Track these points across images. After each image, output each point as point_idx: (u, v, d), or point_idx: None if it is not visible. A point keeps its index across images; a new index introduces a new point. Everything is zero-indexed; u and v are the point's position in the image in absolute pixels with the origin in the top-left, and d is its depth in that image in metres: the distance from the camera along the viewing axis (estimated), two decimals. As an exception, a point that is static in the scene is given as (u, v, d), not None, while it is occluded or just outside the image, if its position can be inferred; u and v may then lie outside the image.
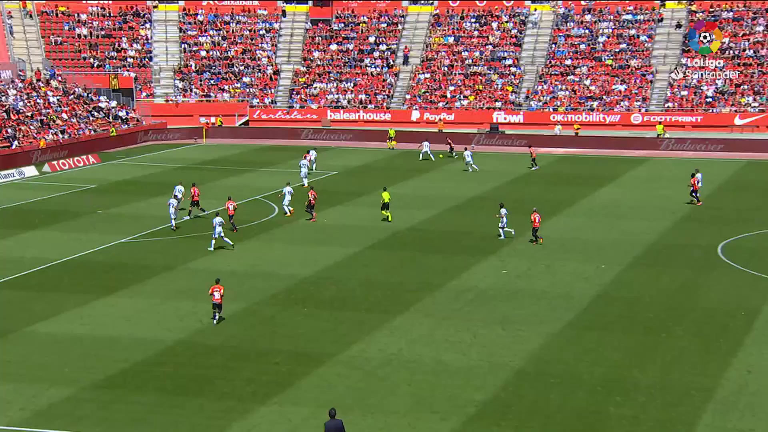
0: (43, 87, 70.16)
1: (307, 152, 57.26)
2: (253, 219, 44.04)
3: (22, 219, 44.03)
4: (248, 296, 31.91)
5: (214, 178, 55.52)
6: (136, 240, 40.17)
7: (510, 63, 79.58)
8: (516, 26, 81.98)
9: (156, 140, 72.27)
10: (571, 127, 71.79)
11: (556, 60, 78.48)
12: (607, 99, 75.22)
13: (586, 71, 77.27)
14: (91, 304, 30.90)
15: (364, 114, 77.45)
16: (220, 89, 79.65)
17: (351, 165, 60.60)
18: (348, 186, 53.23)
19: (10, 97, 66.46)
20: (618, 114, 73.85)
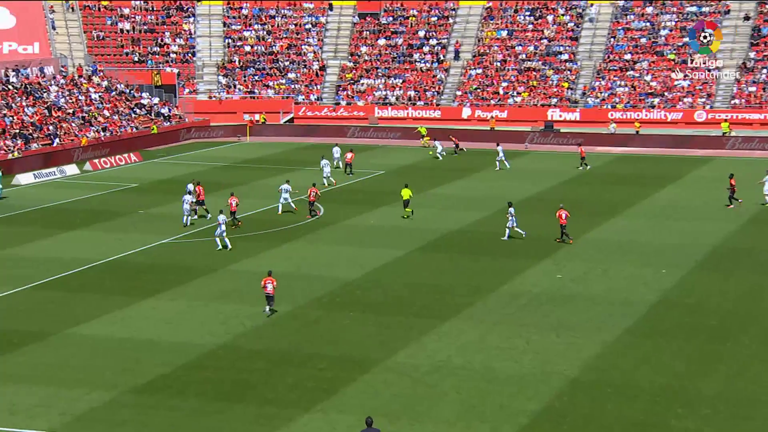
0: (85, 83, 71.33)
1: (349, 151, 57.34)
2: (298, 220, 44.28)
3: (63, 218, 44.83)
4: (292, 299, 32.10)
5: (257, 177, 55.93)
6: (177, 240, 40.63)
7: (566, 58, 78.96)
8: (573, 19, 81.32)
9: (198, 138, 73.05)
10: (629, 125, 70.98)
11: (615, 54, 77.66)
12: (669, 95, 74.25)
13: (646, 66, 76.37)
14: (132, 307, 31.35)
15: (413, 111, 77.44)
16: (264, 85, 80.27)
17: (398, 164, 60.65)
18: (395, 186, 53.22)
19: (52, 93, 67.67)
20: (680, 111, 72.84)
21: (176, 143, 70.53)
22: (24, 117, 62.41)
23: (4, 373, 25.81)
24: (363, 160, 62.10)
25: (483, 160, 61.76)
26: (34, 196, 50.56)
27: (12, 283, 33.86)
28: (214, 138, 73.41)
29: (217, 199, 48.70)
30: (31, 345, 27.72)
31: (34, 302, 31.83)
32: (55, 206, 47.59)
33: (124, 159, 62.14)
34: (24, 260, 37.27)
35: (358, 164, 60.12)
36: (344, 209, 46.41)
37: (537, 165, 59.84)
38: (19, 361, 26.57)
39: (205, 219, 43.67)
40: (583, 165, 57.78)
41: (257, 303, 31.60)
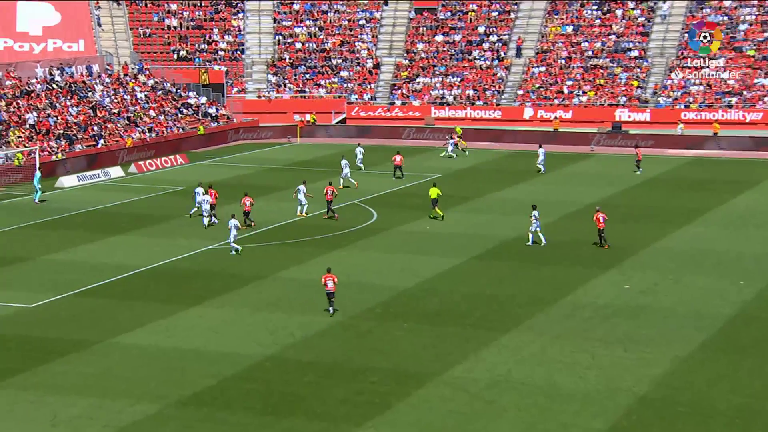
0: (131, 82, 72.45)
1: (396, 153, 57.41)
2: (350, 225, 44.45)
3: (108, 222, 45.56)
4: (343, 309, 32.21)
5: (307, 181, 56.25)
6: (224, 246, 41.06)
7: (635, 54, 78.11)
8: (643, 13, 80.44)
9: (247, 139, 73.72)
10: (703, 126, 69.87)
11: (689, 51, 76.57)
12: (748, 94, 72.98)
13: (723, 63, 75.15)
14: (178, 315, 31.73)
15: (472, 111, 77.28)
16: (315, 84, 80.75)
17: (456, 167, 60.56)
18: (452, 190, 53.18)
19: (97, 92, 68.83)
20: (761, 111, 71.58)
21: (224, 144, 71.26)
22: (68, 117, 63.56)
23: (46, 384, 26.30)
24: (418, 162, 62.10)
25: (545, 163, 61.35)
26: (78, 199, 51.49)
27: (55, 289, 34.51)
28: (263, 139, 74.03)
29: (266, 204, 49.09)
30: (74, 354, 28.20)
31: (77, 310, 32.39)
32: (99, 210, 48.39)
33: (169, 161, 62.95)
34: (67, 266, 37.95)
35: (413, 167, 60.10)
36: (398, 214, 46.45)
37: (603, 169, 59.26)
38: (62, 371, 27.06)
39: (217, 224, 43.98)
40: (638, 168, 57.11)
41: (307, 312, 31.78)
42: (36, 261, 38.55)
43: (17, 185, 53.72)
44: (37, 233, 43.34)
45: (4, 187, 53.99)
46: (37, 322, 31.02)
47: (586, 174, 57.73)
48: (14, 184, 53.88)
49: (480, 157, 64.68)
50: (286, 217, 46.07)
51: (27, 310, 32.13)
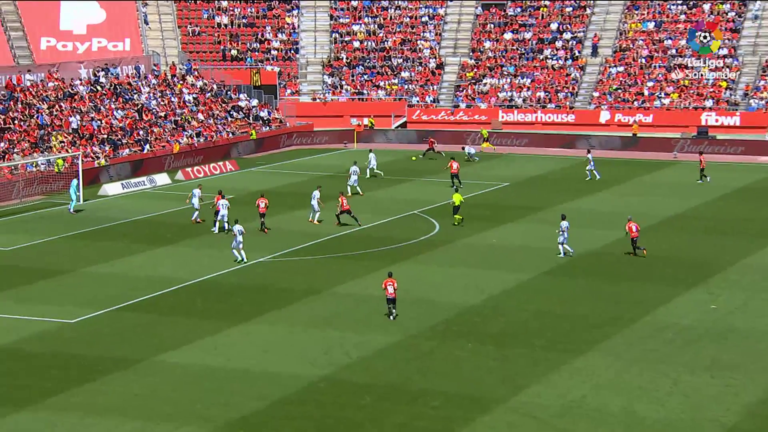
0: (179, 84, 73.45)
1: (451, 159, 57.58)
2: (410, 237, 44.47)
3: (153, 233, 46.17)
4: (402, 327, 32.21)
5: (364, 189, 56.44)
6: (276, 259, 41.31)
7: (725, 53, 76.97)
8: (734, 8, 79.30)
9: (301, 144, 74.20)
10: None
11: (784, 48, 75.29)
12: None
13: (822, 62, 73.80)
14: (226, 332, 32.01)
15: (543, 115, 76.88)
16: (374, 86, 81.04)
17: (525, 175, 60.28)
18: (521, 200, 52.98)
19: (143, 94, 69.87)
20: None
21: (276, 150, 71.84)
22: (113, 121, 64.49)
23: (87, 404, 26.68)
24: (484, 170, 61.96)
25: (622, 171, 60.80)
26: (122, 207, 52.27)
27: (96, 304, 35.05)
28: (318, 144, 74.44)
29: (320, 214, 49.38)
30: (116, 373, 28.58)
31: (120, 326, 32.85)
32: (144, 219, 49.06)
33: (219, 167, 63.62)
34: (110, 279, 38.54)
35: (478, 175, 59.96)
36: (462, 226, 46.33)
37: (687, 177, 58.50)
38: (104, 391, 27.44)
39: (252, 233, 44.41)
40: (702, 177, 56.22)
41: (363, 330, 31.86)
42: (77, 274, 39.20)
43: (58, 193, 54.72)
44: (79, 244, 44.09)
45: (45, 194, 55.05)
46: (78, 338, 31.52)
47: (668, 183, 57.06)
48: (55, 191, 54.86)
49: (551, 165, 64.25)
50: (341, 228, 46.24)
51: (67, 326, 32.69)
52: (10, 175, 54.58)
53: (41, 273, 39.15)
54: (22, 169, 55.55)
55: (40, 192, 55.23)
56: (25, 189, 54.32)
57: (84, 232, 46.26)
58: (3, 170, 54.67)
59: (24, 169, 55.68)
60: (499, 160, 65.73)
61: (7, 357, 29.75)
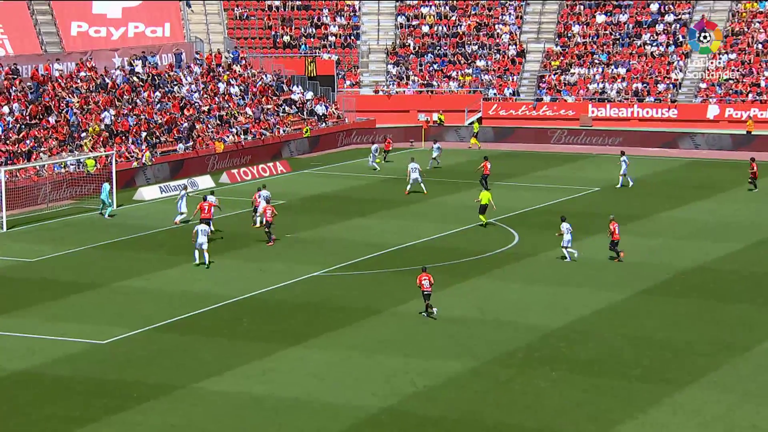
0: (224, 74, 74.11)
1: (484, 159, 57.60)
2: (485, 249, 44.29)
3: (193, 242, 46.57)
4: (476, 352, 32.06)
5: (433, 194, 56.39)
6: (330, 273, 41.38)
7: None
8: None
9: (361, 143, 74.34)
10: None
11: None
12: None
13: None
14: (275, 356, 32.11)
15: (640, 110, 76.13)
16: (445, 76, 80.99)
17: (619, 179, 59.72)
18: (613, 207, 52.45)
19: (184, 86, 70.59)
20: None
21: (333, 149, 72.06)
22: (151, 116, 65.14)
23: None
24: (570, 172, 61.52)
25: (733, 175, 59.96)
26: (160, 213, 52.77)
27: (130, 323, 35.40)
28: (381, 143, 74.47)
29: (381, 222, 49.33)
30: (152, 401, 28.81)
31: (156, 348, 33.13)
32: (184, 227, 49.47)
33: (268, 169, 64.01)
34: (145, 294, 38.92)
35: (564, 178, 59.56)
36: (543, 236, 46.08)
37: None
38: (137, 421, 27.66)
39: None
40: (753, 185, 55.24)
41: (431, 355, 31.76)
42: (109, 288, 39.66)
43: (90, 197, 55.44)
44: (111, 255, 44.62)
45: (75, 199, 55.80)
46: (109, 361, 31.86)
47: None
48: (86, 195, 55.58)
49: (649, 167, 63.57)
50: (407, 238, 46.22)
51: (98, 348, 33.06)
52: (36, 177, 55.40)
53: (69, 287, 39.67)
54: (49, 170, 56.39)
55: (69, 196, 56.00)
56: (53, 193, 55.10)
57: (117, 241, 46.80)
58: (28, 171, 55.51)
59: (51, 171, 56.50)
60: (587, 161, 65.27)
61: (32, 382, 30.15)
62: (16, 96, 61.94)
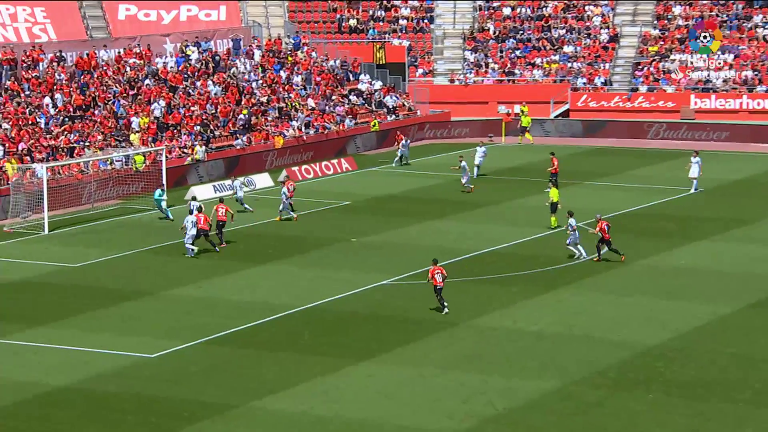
0: (285, 61, 74.48)
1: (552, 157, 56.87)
2: (573, 257, 44.09)
3: (251, 248, 46.88)
4: (562, 371, 31.94)
5: (513, 195, 56.21)
6: (402, 282, 41.42)
7: None
8: None
9: (434, 138, 74.34)
10: None
11: None
12: None
13: None
14: (340, 373, 32.22)
15: (750, 101, 75.19)
16: (528, 64, 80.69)
17: (724, 178, 59.13)
18: (718, 210, 52.04)
19: (241, 75, 71.04)
20: None
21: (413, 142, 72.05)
22: (205, 107, 65.62)
23: (168, 457, 27.26)
24: (668, 171, 60.98)
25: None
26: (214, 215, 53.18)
27: (181, 335, 35.73)
28: (456, 138, 74.46)
29: (459, 225, 49.38)
30: (205, 421, 29.04)
31: (209, 362, 33.38)
32: (240, 230, 49.81)
33: (332, 166, 64.23)
34: (198, 304, 39.26)
35: (662, 178, 59.12)
36: (640, 242, 45.72)
37: None
38: (189, 442, 28.01)
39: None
40: None
41: (512, 373, 31.68)
42: (158, 297, 40.08)
43: (137, 197, 56.07)
44: (162, 260, 45.08)
45: (122, 198, 56.45)
46: (159, 377, 32.17)
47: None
48: (134, 195, 56.22)
49: (759, 166, 62.81)
50: (484, 243, 46.15)
51: (146, 362, 33.41)
52: (80, 175, 56.10)
53: (115, 295, 40.15)
54: (94, 167, 57.03)
55: (116, 195, 56.64)
56: (98, 192, 55.74)
57: (167, 245, 47.25)
58: (71, 168, 56.21)
59: (97, 168, 57.14)
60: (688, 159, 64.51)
61: (76, 399, 30.55)
62: (59, 86, 62.87)
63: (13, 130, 57.06)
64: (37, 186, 51.65)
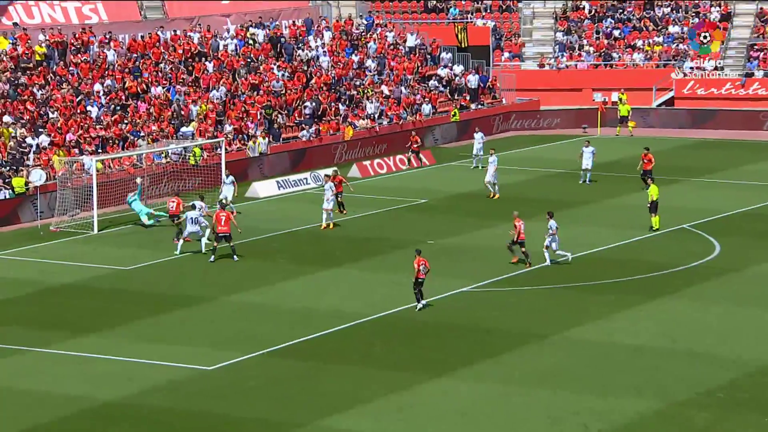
0: (360, 41, 74.50)
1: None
2: (675, 262, 43.78)
3: (316, 250, 47.00)
4: (664, 390, 31.67)
5: (609, 193, 55.81)
6: (484, 289, 41.30)
7: None
8: None
9: (522, 129, 74.08)
10: None
11: None
12: None
13: None
14: (414, 389, 32.14)
15: None
16: (628, 46, 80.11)
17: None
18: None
19: (309, 58, 71.17)
20: None
21: (487, 137, 71.81)
22: (269, 96, 65.83)
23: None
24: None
25: None
26: (276, 214, 53.42)
27: (241, 345, 35.83)
28: (546, 129, 74.18)
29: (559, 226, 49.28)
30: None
31: (271, 376, 33.45)
32: (306, 231, 49.94)
33: (407, 160, 64.13)
34: (259, 311, 39.39)
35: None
36: (753, 246, 45.34)
37: None
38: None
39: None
40: None
41: (607, 392, 31.52)
42: (216, 303, 40.31)
43: (193, 193, 56.34)
44: (221, 263, 45.30)
45: (179, 194, 56.62)
46: (215, 391, 32.32)
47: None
48: (190, 191, 56.54)
49: None
50: (577, 246, 45.92)
51: (203, 375, 33.59)
52: (132, 169, 56.52)
53: (170, 302, 40.45)
54: (148, 160, 57.39)
55: (171, 191, 56.94)
56: (152, 187, 56.01)
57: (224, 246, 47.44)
58: (123, 162, 56.61)
59: (151, 161, 57.51)
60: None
61: (125, 414, 30.76)
62: (111, 71, 63.39)
63: (61, 119, 57.60)
64: (86, 181, 52.12)
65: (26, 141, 55.09)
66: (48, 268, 44.83)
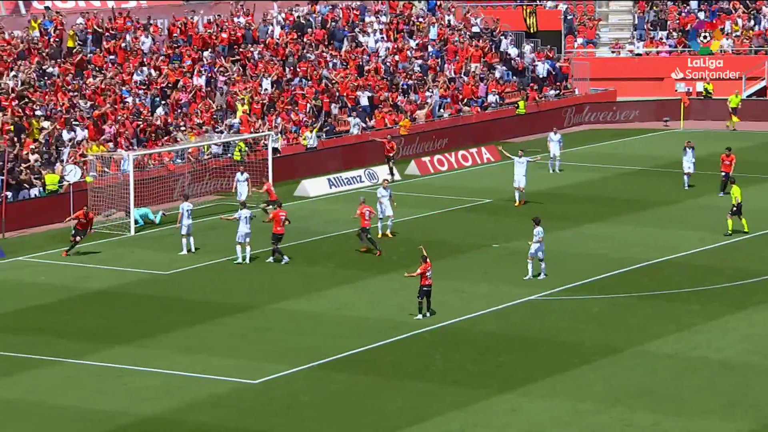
0: (419, 26, 74.46)
1: None
2: (760, 270, 43.48)
3: (370, 254, 47.03)
4: (756, 410, 31.56)
5: (692, 193, 55.57)
6: (555, 297, 41.27)
7: None
8: None
9: (596, 122, 73.81)
10: None
11: None
12: None
13: None
14: (479, 406, 32.16)
15: None
16: (719, 30, 79.53)
17: None
18: None
19: (365, 44, 71.15)
20: None
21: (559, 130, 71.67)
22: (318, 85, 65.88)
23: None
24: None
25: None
26: (327, 215, 53.53)
27: (289, 357, 35.97)
28: (623, 123, 73.92)
29: (618, 229, 49.05)
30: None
31: (323, 391, 33.52)
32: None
33: (470, 157, 64.15)
34: (309, 321, 39.53)
35: None
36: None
37: None
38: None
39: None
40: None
41: (692, 413, 31.44)
42: (262, 312, 40.48)
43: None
44: (267, 268, 45.53)
45: (220, 194, 56.90)
46: (262, 407, 32.45)
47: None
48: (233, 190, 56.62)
49: None
50: (657, 252, 45.81)
51: (248, 389, 33.73)
52: (173, 165, 56.71)
53: (212, 309, 40.64)
54: (193, 153, 57.42)
55: (213, 189, 57.15)
56: (192, 186, 56.12)
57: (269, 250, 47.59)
58: (162, 158, 56.73)
59: (194, 156, 57.59)
60: None
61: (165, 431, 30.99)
62: (150, 59, 63.68)
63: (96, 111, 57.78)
64: (123, 178, 52.34)
65: (61, 135, 55.26)
66: (82, 273, 45.14)
